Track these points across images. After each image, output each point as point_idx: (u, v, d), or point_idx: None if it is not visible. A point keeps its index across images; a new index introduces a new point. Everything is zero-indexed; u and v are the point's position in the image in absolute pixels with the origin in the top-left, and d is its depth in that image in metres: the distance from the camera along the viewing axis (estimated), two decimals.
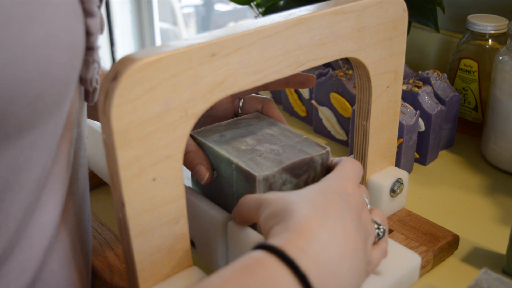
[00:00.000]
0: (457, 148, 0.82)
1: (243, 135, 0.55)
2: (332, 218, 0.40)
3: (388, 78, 0.57)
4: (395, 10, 0.54)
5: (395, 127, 0.62)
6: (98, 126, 0.67)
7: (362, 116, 0.58)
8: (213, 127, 0.56)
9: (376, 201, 0.61)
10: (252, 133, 0.55)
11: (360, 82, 0.57)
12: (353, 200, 0.44)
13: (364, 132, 0.59)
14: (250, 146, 0.52)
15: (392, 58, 0.57)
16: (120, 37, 1.97)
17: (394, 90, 0.59)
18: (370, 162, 0.60)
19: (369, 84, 0.56)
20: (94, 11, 0.39)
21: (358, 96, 0.58)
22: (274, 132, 0.56)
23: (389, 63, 0.57)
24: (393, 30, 0.55)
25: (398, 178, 0.61)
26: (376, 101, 0.57)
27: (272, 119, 0.58)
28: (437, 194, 0.71)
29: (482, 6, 0.89)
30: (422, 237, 0.59)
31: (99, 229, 0.61)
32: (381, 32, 0.54)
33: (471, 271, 0.58)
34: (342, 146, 0.83)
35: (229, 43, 0.42)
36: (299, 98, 0.90)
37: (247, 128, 0.57)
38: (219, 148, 0.52)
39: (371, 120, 0.58)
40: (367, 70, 0.55)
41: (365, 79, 0.56)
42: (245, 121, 0.59)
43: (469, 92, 0.83)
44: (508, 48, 0.72)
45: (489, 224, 0.65)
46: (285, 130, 0.56)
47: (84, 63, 0.40)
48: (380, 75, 0.56)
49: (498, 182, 0.74)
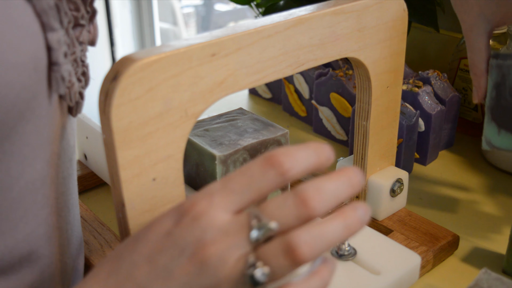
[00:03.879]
0: (457, 148, 0.82)
1: (226, 130, 0.57)
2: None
3: (388, 78, 0.57)
4: (395, 10, 0.54)
5: (395, 127, 0.62)
6: (98, 126, 0.67)
7: (362, 116, 0.58)
8: (197, 121, 0.58)
9: (376, 201, 0.61)
10: (235, 127, 0.58)
11: (360, 82, 0.57)
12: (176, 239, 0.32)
13: (364, 132, 0.59)
14: (233, 141, 0.55)
15: (392, 58, 0.57)
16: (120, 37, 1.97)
17: (394, 90, 0.59)
18: (370, 162, 0.60)
19: (369, 84, 0.56)
20: (53, 25, 0.37)
21: (358, 96, 0.58)
22: (257, 126, 0.58)
23: (389, 63, 0.57)
24: (393, 30, 0.55)
25: (398, 178, 0.61)
26: (376, 101, 0.57)
27: (255, 114, 0.61)
28: (437, 194, 0.71)
29: None
30: (422, 237, 0.59)
31: (99, 229, 0.61)
32: (381, 32, 0.54)
33: (471, 271, 0.58)
34: (342, 146, 0.83)
35: (229, 43, 0.42)
36: (299, 98, 0.90)
37: (231, 123, 0.59)
38: (202, 142, 0.54)
39: (371, 120, 0.58)
40: (367, 70, 0.55)
41: (365, 79, 0.56)
42: (229, 116, 0.61)
43: (469, 92, 0.83)
44: (508, 48, 0.72)
45: (489, 224, 0.65)
46: (268, 125, 0.58)
47: (52, 79, 0.39)
48: (380, 75, 0.56)
49: (498, 182, 0.74)
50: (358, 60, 0.54)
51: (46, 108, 0.39)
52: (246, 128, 0.58)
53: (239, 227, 0.31)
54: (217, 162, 0.53)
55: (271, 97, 0.98)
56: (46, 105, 0.39)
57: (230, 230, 0.31)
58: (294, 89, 0.90)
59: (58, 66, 0.39)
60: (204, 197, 0.32)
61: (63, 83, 0.40)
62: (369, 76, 0.55)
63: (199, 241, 0.31)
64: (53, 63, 0.38)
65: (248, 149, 0.55)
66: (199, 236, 0.31)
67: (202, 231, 0.31)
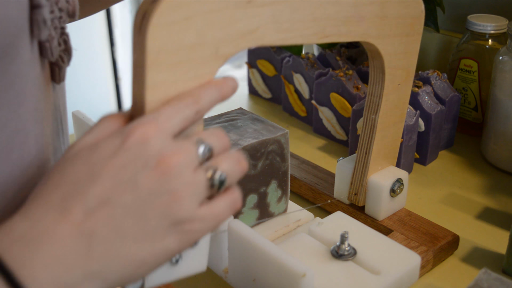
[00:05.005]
0: (457, 148, 0.82)
1: (227, 131, 0.57)
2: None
3: (401, 75, 0.59)
4: (414, 8, 0.57)
5: (400, 128, 0.62)
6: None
7: (372, 109, 0.60)
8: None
9: (376, 201, 0.61)
10: (235, 127, 0.58)
11: (374, 74, 0.59)
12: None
13: (372, 126, 0.60)
14: (233, 141, 0.55)
15: (407, 56, 0.59)
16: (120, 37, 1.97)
17: (404, 89, 0.60)
18: (373, 159, 0.61)
19: (383, 77, 0.58)
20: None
21: (370, 89, 0.59)
22: (257, 127, 0.58)
23: (403, 60, 0.58)
24: (411, 28, 0.57)
25: (398, 178, 0.61)
26: (387, 97, 0.59)
27: (255, 115, 0.61)
28: (437, 194, 0.71)
29: (482, 6, 0.89)
30: (422, 237, 0.59)
31: None
32: (400, 27, 0.56)
33: (471, 271, 0.58)
34: (342, 146, 0.83)
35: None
36: (299, 98, 0.90)
37: (231, 123, 0.59)
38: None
39: (380, 114, 0.59)
40: (382, 62, 0.57)
41: (379, 72, 0.58)
42: (229, 116, 0.61)
43: (469, 92, 0.83)
44: (508, 48, 0.72)
45: (489, 224, 0.65)
46: (268, 125, 0.58)
47: (34, 22, 0.39)
48: (394, 70, 0.58)
49: (498, 182, 0.74)
50: (376, 50, 0.56)
51: (28, 53, 0.39)
52: (246, 128, 0.58)
53: (188, 144, 0.37)
54: None
55: (271, 97, 0.98)
56: (29, 50, 0.39)
57: (182, 146, 0.36)
58: (294, 89, 0.90)
59: (39, 9, 0.39)
60: (149, 121, 0.36)
61: (44, 27, 0.40)
62: (384, 68, 0.57)
63: (160, 153, 0.35)
64: (34, 5, 0.38)
65: (248, 149, 0.55)
66: (160, 149, 0.35)
67: (161, 145, 0.36)
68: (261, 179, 0.58)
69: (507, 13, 0.85)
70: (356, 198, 0.63)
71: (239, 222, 0.52)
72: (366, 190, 0.62)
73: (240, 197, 0.39)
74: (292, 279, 0.46)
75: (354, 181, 0.63)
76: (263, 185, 0.58)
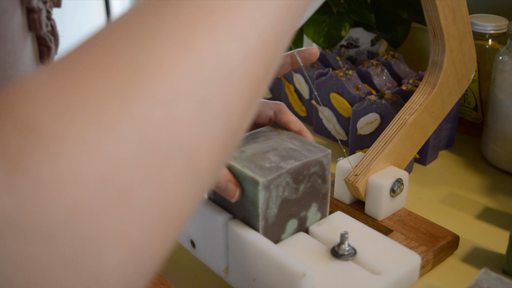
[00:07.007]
0: (457, 148, 0.82)
1: (264, 151, 0.53)
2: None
3: (453, 86, 0.66)
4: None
5: (421, 142, 0.66)
6: None
7: (408, 112, 0.64)
8: None
9: (376, 201, 0.61)
10: (273, 148, 0.54)
11: (424, 88, 0.65)
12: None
13: (401, 125, 0.63)
14: (274, 164, 0.51)
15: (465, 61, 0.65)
16: None
17: (448, 99, 0.67)
18: (384, 157, 0.61)
19: (431, 91, 0.64)
20: None
21: (414, 98, 0.65)
22: (296, 146, 0.54)
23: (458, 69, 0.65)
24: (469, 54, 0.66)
25: (398, 178, 0.61)
26: (427, 109, 0.63)
27: (291, 132, 0.57)
28: (437, 194, 0.71)
29: (482, 6, 0.89)
30: (422, 237, 0.59)
31: None
32: (464, 43, 0.63)
33: (471, 271, 0.58)
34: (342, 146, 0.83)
35: None
36: (299, 98, 0.90)
37: (267, 143, 0.55)
38: (241, 166, 0.50)
39: (413, 117, 0.63)
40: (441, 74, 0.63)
41: (431, 86, 0.64)
42: (263, 134, 0.56)
43: (469, 92, 0.83)
44: (508, 48, 0.72)
45: (489, 224, 0.65)
46: (307, 144, 0.55)
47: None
48: (448, 81, 0.64)
49: (498, 182, 0.74)
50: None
51: (19, 19, 0.39)
52: (285, 148, 0.54)
53: None
54: (260, 187, 0.49)
55: (271, 97, 0.98)
56: (19, 16, 0.39)
57: None
58: (294, 89, 0.90)
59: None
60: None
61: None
62: (437, 83, 0.63)
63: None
64: None
65: (291, 173, 0.51)
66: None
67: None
68: (302, 203, 0.54)
69: (507, 13, 0.85)
70: (355, 179, 0.62)
71: (238, 222, 0.52)
72: (366, 190, 0.62)
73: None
74: (292, 279, 0.46)
75: (360, 164, 0.62)
76: (303, 209, 0.54)
